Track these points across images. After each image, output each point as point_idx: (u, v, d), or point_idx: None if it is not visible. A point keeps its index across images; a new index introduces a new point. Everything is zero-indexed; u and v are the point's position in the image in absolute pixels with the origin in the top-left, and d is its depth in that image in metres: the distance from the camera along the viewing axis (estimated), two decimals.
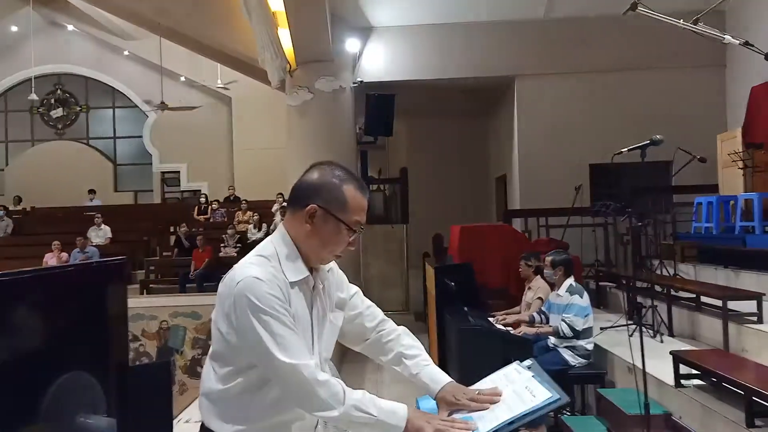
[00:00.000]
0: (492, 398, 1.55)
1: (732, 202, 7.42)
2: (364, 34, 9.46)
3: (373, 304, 1.84)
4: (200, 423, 1.61)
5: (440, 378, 1.67)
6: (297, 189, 1.62)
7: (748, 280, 5.54)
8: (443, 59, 9.58)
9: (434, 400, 1.64)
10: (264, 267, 1.53)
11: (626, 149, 3.22)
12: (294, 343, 1.48)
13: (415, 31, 9.55)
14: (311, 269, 1.61)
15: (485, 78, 9.88)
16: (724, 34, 4.38)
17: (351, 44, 9.17)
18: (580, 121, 9.44)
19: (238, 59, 9.22)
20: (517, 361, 1.63)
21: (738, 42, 4.37)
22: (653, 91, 9.38)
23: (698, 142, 7.22)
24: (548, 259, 4.92)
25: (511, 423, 1.40)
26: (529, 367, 1.56)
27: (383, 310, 1.85)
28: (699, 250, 7.40)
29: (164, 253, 11.78)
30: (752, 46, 4.43)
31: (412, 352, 1.73)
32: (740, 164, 7.58)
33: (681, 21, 4.34)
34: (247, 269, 1.53)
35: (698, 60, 9.27)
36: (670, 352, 3.76)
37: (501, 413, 1.45)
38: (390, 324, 1.81)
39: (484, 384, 1.64)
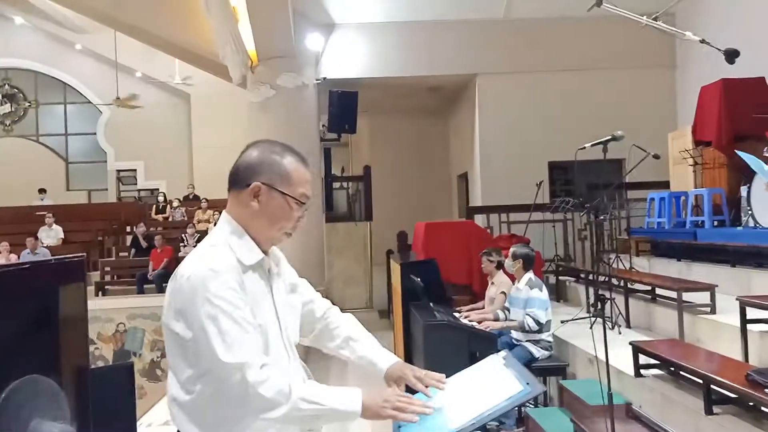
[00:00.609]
0: (438, 384, 1.55)
1: (683, 198, 7.70)
2: (326, 30, 9.43)
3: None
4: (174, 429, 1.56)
5: (389, 357, 1.67)
6: (237, 170, 1.58)
7: (700, 271, 5.77)
8: (405, 57, 9.64)
9: (384, 379, 1.62)
10: (216, 256, 1.48)
11: (589, 144, 3.32)
12: (241, 341, 1.40)
13: (377, 28, 9.57)
14: (264, 252, 1.57)
15: (447, 76, 9.99)
16: (685, 32, 4.54)
17: (313, 40, 9.13)
18: (539, 119, 9.63)
19: (198, 54, 9.07)
20: (492, 355, 1.66)
21: (697, 39, 4.53)
22: (608, 91, 9.64)
23: (651, 140, 7.45)
24: (511, 250, 5.02)
25: (487, 415, 1.41)
26: (504, 359, 1.60)
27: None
28: (652, 244, 7.66)
29: (120, 254, 11.51)
30: (709, 43, 4.61)
31: (359, 335, 1.73)
32: (690, 161, 7.86)
33: (644, 17, 4.47)
34: (198, 261, 1.48)
35: (650, 61, 9.60)
36: (630, 343, 3.89)
37: (476, 406, 1.47)
38: (336, 310, 1.80)
39: (459, 377, 1.65)
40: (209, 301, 1.41)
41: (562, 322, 5.64)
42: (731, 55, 4.44)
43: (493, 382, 1.52)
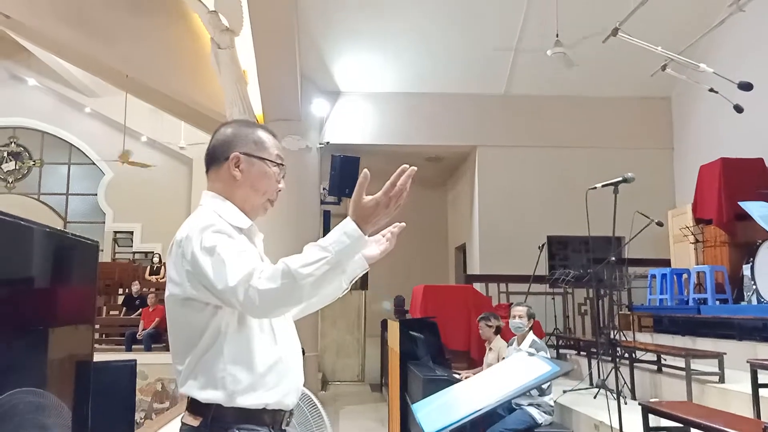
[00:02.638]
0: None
1: (685, 276, 7.64)
2: (332, 96, 9.67)
3: None
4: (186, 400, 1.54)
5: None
6: (213, 149, 1.68)
7: (705, 345, 5.63)
8: (407, 126, 9.83)
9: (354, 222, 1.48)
10: (208, 216, 1.54)
11: (600, 185, 3.30)
12: (240, 260, 1.43)
13: (381, 97, 9.82)
14: None
15: (447, 147, 10.14)
16: (699, 63, 4.62)
17: (319, 106, 9.34)
18: (537, 193, 9.71)
19: (205, 115, 9.24)
20: (515, 353, 1.60)
21: (711, 70, 4.61)
22: (607, 169, 9.65)
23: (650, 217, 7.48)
24: (521, 309, 4.89)
25: (515, 391, 1.35)
26: (528, 353, 1.54)
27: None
28: (655, 320, 7.54)
29: (111, 312, 11.28)
30: (722, 75, 4.68)
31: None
32: (691, 239, 7.87)
33: (659, 48, 4.56)
34: (190, 223, 1.53)
35: (648, 142, 9.80)
36: (639, 403, 3.72)
37: (503, 388, 1.40)
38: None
39: (486, 372, 1.63)
40: (204, 240, 1.46)
41: (564, 391, 5.44)
42: (745, 87, 4.51)
43: (523, 367, 1.47)
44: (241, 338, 1.50)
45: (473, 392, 1.54)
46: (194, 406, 1.51)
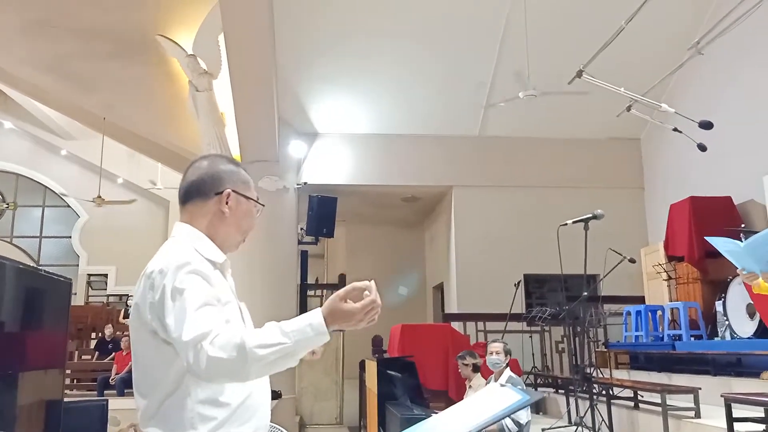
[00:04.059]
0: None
1: (659, 312, 7.74)
2: (309, 138, 9.77)
3: None
4: None
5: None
6: (201, 181, 1.64)
7: (681, 380, 5.68)
8: (384, 167, 9.94)
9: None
10: (185, 251, 1.52)
11: (571, 221, 3.37)
12: (206, 315, 1.39)
13: (358, 139, 9.94)
14: None
15: (424, 187, 10.26)
16: (660, 103, 4.77)
17: (296, 147, 9.43)
18: (513, 232, 9.80)
19: (182, 157, 9.25)
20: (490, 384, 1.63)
21: (672, 110, 4.76)
22: (580, 207, 9.77)
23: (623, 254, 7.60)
24: (497, 345, 4.90)
25: (486, 421, 1.37)
26: (501, 384, 1.56)
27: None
28: (631, 357, 7.58)
29: (83, 357, 11.01)
30: (683, 115, 4.83)
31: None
32: (664, 275, 8.00)
33: (622, 89, 4.70)
34: (167, 256, 1.51)
35: (619, 182, 10.01)
36: None
37: (476, 417, 1.41)
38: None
39: (460, 404, 1.66)
40: (177, 281, 1.43)
41: (543, 429, 5.42)
42: (705, 126, 4.66)
43: (493, 398, 1.49)
44: None
45: (448, 422, 1.55)
46: None
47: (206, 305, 1.41)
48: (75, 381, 10.22)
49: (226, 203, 1.62)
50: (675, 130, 5.13)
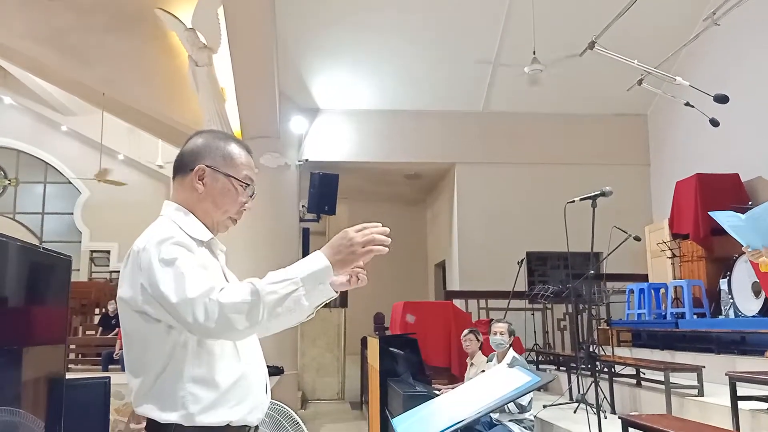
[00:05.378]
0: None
1: (662, 290, 7.70)
2: (311, 114, 9.66)
3: None
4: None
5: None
6: (181, 157, 1.61)
7: (684, 358, 5.65)
8: (386, 143, 9.84)
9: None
10: (167, 227, 1.49)
11: (578, 198, 3.31)
12: (199, 276, 1.38)
13: (360, 115, 9.83)
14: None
15: (426, 164, 10.17)
16: (675, 76, 4.67)
17: (298, 123, 9.32)
18: (516, 209, 9.73)
19: (182, 132, 9.15)
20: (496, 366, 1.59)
21: (687, 83, 4.65)
22: (584, 184, 9.67)
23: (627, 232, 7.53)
24: (501, 325, 4.86)
25: (495, 403, 1.33)
26: (508, 365, 1.52)
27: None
28: (633, 335, 7.56)
29: (87, 332, 11.06)
30: (697, 88, 4.72)
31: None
32: (668, 253, 7.94)
33: (635, 61, 4.60)
34: (150, 234, 1.47)
35: (624, 158, 9.88)
36: (619, 417, 3.71)
37: (483, 399, 1.38)
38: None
39: (467, 384, 1.61)
40: (162, 252, 1.41)
41: (544, 406, 5.42)
42: (721, 100, 4.55)
43: (502, 379, 1.45)
44: (202, 355, 1.44)
45: (454, 404, 1.52)
46: (153, 427, 1.45)
47: (201, 267, 1.41)
48: (80, 356, 10.29)
49: (201, 180, 1.56)
50: (687, 104, 5.02)
